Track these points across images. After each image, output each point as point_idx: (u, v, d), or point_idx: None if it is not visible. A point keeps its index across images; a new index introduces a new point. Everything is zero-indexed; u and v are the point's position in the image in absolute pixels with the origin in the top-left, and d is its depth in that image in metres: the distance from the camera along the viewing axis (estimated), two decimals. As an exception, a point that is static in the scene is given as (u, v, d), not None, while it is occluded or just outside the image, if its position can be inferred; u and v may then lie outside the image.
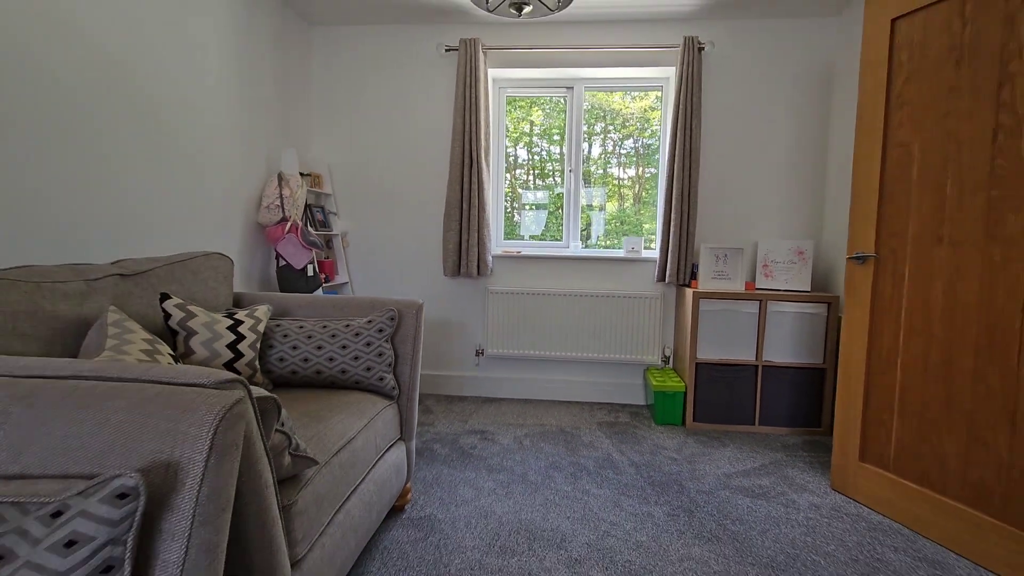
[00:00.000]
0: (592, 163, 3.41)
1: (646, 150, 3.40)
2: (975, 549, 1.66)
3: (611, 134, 3.42)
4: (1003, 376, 1.61)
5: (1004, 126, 1.61)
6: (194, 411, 0.73)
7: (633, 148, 3.43)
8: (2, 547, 0.58)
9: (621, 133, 3.42)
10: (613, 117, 3.40)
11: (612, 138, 3.43)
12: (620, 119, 3.40)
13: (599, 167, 3.43)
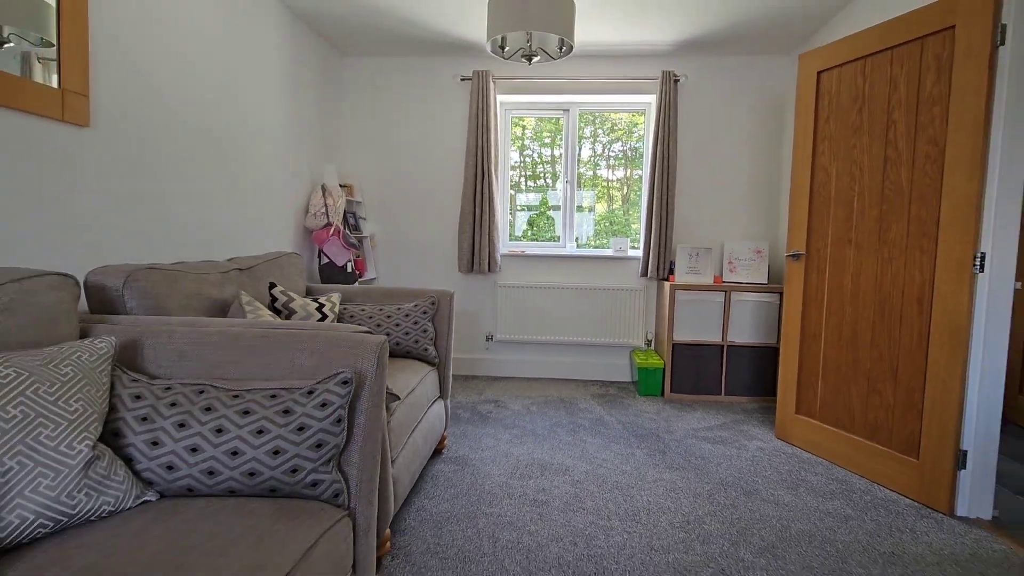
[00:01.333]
0: (582, 164, 3.96)
1: (633, 153, 3.95)
2: (871, 470, 2.24)
3: (600, 138, 3.97)
4: (889, 342, 2.19)
5: (890, 158, 2.19)
6: (366, 345, 1.27)
7: (622, 151, 3.98)
8: (288, 406, 1.12)
9: (610, 137, 3.97)
10: (603, 121, 3.95)
11: (602, 141, 3.98)
12: (609, 124, 3.95)
13: (589, 168, 3.98)
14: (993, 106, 1.88)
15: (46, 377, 1.00)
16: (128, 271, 1.53)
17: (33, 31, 1.58)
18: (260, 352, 1.26)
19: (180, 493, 1.09)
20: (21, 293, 1.15)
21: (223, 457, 1.07)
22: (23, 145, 1.56)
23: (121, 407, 1.11)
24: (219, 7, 2.43)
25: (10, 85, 1.50)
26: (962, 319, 1.94)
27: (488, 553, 1.67)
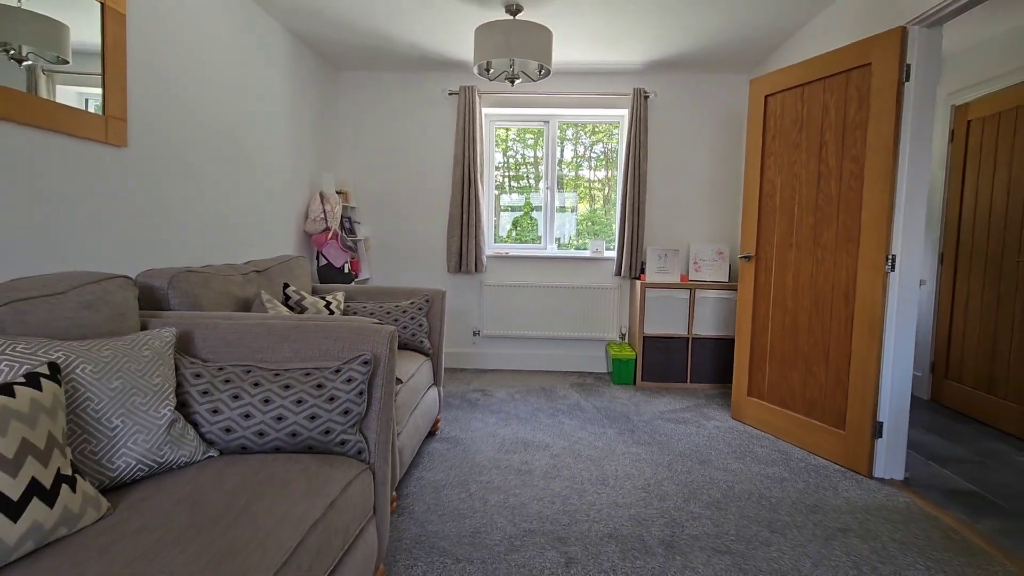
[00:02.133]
0: (565, 165, 4.27)
1: (614, 155, 4.27)
2: (807, 442, 2.60)
3: (582, 139, 4.27)
4: (822, 331, 2.55)
5: (823, 173, 2.54)
6: (381, 334, 1.55)
7: (603, 152, 4.29)
8: (320, 382, 1.41)
9: (592, 139, 4.28)
10: (584, 124, 4.25)
11: (584, 143, 4.29)
12: (590, 126, 4.25)
13: (571, 169, 4.29)
14: (901, 132, 2.24)
15: (133, 358, 1.27)
16: (171, 274, 1.79)
17: (49, 50, 1.74)
18: (293, 340, 1.54)
19: (235, 451, 1.36)
20: (101, 292, 1.42)
21: (270, 422, 1.35)
22: (74, 164, 1.82)
23: (185, 383, 1.38)
24: (234, 34, 2.68)
25: (68, 115, 1.75)
26: (878, 311, 2.30)
27: (480, 511, 1.97)
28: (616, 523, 1.91)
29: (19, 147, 1.63)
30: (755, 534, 1.85)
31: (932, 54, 2.19)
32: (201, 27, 2.44)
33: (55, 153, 1.74)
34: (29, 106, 1.63)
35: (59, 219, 1.76)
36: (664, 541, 1.80)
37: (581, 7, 2.88)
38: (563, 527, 1.87)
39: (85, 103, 1.84)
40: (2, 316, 1.18)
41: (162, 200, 2.23)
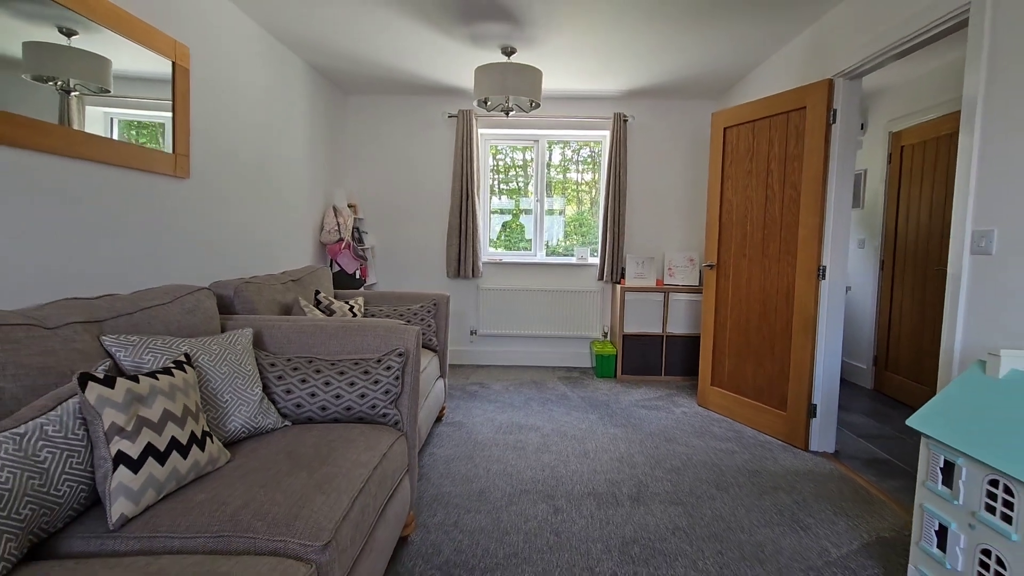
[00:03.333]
0: (554, 168, 4.71)
1: (599, 158, 4.71)
2: (757, 422, 3.08)
3: (571, 144, 4.70)
4: (770, 329, 3.03)
5: (769, 197, 3.02)
6: (410, 332, 1.99)
7: (589, 156, 4.74)
8: (367, 369, 1.84)
9: (580, 143, 4.73)
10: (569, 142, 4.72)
11: (572, 147, 4.73)
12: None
13: (560, 172, 4.74)
14: (828, 165, 2.72)
15: (232, 350, 1.69)
16: (235, 285, 2.21)
17: (94, 82, 1.96)
18: (340, 337, 1.97)
19: (303, 421, 1.79)
20: (195, 301, 1.84)
21: (330, 399, 1.79)
22: (146, 192, 2.22)
23: (263, 371, 1.80)
24: (265, 71, 3.09)
25: (150, 156, 2.16)
26: (811, 312, 2.78)
27: (483, 477, 2.41)
28: (594, 484, 2.36)
29: (113, 181, 2.04)
30: (704, 491, 2.32)
31: (853, 101, 2.68)
32: (241, 68, 2.86)
33: (140, 185, 2.15)
34: (122, 151, 2.04)
35: (141, 238, 2.17)
36: (631, 496, 2.26)
37: (567, 51, 3.33)
38: (551, 487, 2.32)
39: (110, 121, 2.08)
40: (138, 319, 1.60)
41: (213, 220, 2.65)
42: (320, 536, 1.15)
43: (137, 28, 2.07)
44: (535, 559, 1.81)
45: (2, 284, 1.62)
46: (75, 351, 1.35)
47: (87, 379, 1.17)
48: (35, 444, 1.07)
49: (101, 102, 1.98)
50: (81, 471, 1.15)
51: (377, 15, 2.86)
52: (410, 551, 1.85)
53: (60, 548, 1.11)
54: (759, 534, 2.00)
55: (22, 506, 1.01)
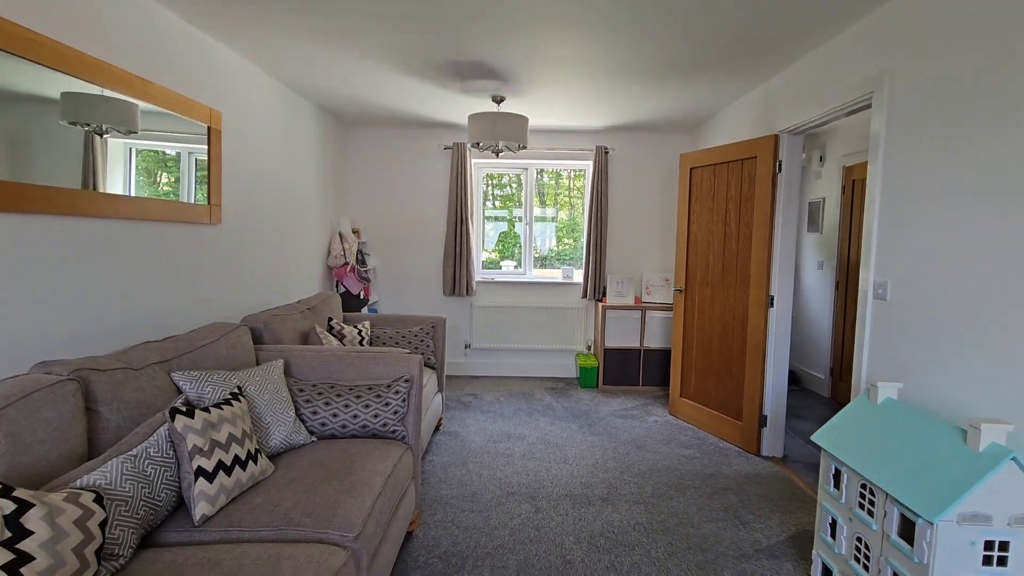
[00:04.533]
0: (546, 174, 5.10)
1: (584, 187, 5.13)
2: (718, 431, 3.49)
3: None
4: (728, 349, 3.44)
5: (727, 232, 3.43)
6: (413, 359, 2.38)
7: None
8: (379, 393, 2.22)
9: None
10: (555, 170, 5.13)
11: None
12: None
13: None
14: (775, 208, 3.13)
15: (270, 379, 2.07)
16: (265, 318, 2.59)
17: (123, 126, 2.20)
18: (356, 365, 2.36)
19: (327, 437, 2.18)
20: (235, 338, 2.22)
21: (349, 419, 2.17)
22: (188, 240, 2.60)
23: (294, 395, 2.19)
24: (281, 117, 3.47)
25: (191, 210, 2.54)
26: (761, 335, 3.19)
27: (476, 481, 2.80)
28: (571, 487, 2.76)
29: (162, 234, 2.41)
30: (664, 492, 2.72)
31: (795, 154, 3.09)
32: (260, 117, 3.23)
33: (182, 235, 2.53)
34: (170, 208, 2.41)
35: (183, 278, 2.55)
36: (602, 497, 2.66)
37: (550, 99, 3.73)
38: (534, 490, 2.72)
39: (129, 151, 2.39)
40: (195, 356, 1.98)
41: (240, 257, 3.02)
42: (353, 529, 1.54)
43: (183, 103, 2.45)
44: (518, 550, 2.21)
45: (88, 330, 1.99)
46: (156, 387, 1.74)
47: (175, 412, 1.55)
48: (143, 462, 1.45)
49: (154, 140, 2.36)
50: (172, 481, 1.53)
51: (377, 71, 3.24)
52: (415, 544, 2.24)
53: (160, 539, 1.49)
54: (705, 528, 2.40)
55: (139, 508, 1.39)
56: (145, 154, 2.32)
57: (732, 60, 2.89)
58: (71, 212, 1.89)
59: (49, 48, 1.77)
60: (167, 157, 2.47)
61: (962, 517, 1.42)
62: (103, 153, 2.07)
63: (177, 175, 2.50)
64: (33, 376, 1.40)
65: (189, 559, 1.33)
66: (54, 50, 1.79)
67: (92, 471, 1.33)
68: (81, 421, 1.45)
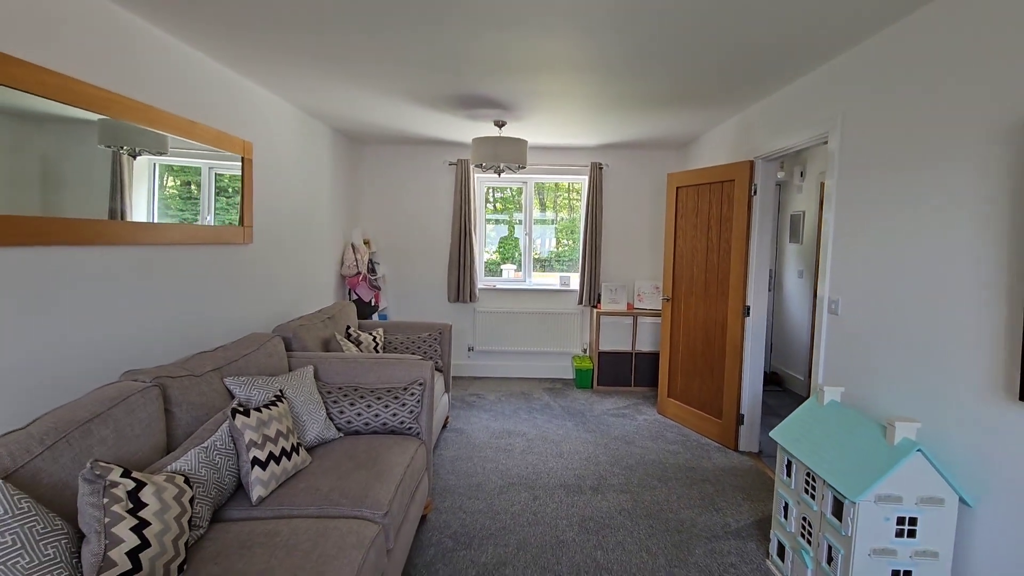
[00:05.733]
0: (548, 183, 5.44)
1: (580, 201, 5.46)
2: (701, 428, 3.82)
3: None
4: (711, 353, 3.76)
5: (709, 247, 3.76)
6: (425, 365, 2.70)
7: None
8: (397, 395, 2.55)
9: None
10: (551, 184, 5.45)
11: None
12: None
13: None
14: (751, 227, 3.45)
15: (303, 383, 2.40)
16: (293, 328, 2.92)
17: (155, 149, 2.43)
18: (376, 370, 2.69)
19: (352, 433, 2.50)
20: (271, 347, 2.55)
21: (371, 417, 2.50)
22: (225, 260, 2.92)
23: (323, 397, 2.51)
24: (301, 141, 3.80)
25: (227, 232, 2.87)
26: (738, 342, 3.52)
27: (481, 473, 3.13)
28: (565, 478, 3.09)
29: (203, 256, 2.74)
30: (649, 483, 3.05)
31: (770, 178, 3.41)
32: (284, 143, 3.56)
33: (219, 255, 2.85)
34: (211, 233, 2.74)
35: (220, 294, 2.87)
36: (592, 487, 2.99)
37: (548, 123, 4.05)
38: (532, 481, 3.05)
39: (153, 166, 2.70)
40: (241, 364, 2.31)
41: (268, 272, 3.35)
42: (382, 508, 1.87)
43: (222, 138, 2.77)
44: (518, 531, 2.54)
45: (148, 343, 2.32)
46: (213, 391, 2.06)
47: (235, 412, 1.88)
48: (213, 453, 1.78)
49: (198, 197, 2.69)
50: (233, 469, 1.86)
51: (387, 100, 3.56)
52: (429, 525, 2.57)
53: (224, 516, 1.81)
54: (683, 514, 2.73)
55: (211, 489, 1.72)
56: (186, 176, 2.65)
57: (712, 95, 3.21)
58: (134, 242, 2.21)
59: (118, 103, 2.09)
60: (220, 184, 2.80)
61: (878, 497, 1.75)
62: (158, 186, 2.40)
63: (228, 202, 2.83)
64: (126, 383, 1.73)
65: (254, 530, 1.66)
66: (123, 104, 2.11)
67: (177, 459, 1.66)
68: (162, 419, 1.78)
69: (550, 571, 2.24)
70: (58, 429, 1.42)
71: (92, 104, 1.96)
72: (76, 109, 1.90)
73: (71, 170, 1.90)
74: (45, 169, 1.80)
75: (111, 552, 1.26)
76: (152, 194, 2.35)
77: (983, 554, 1.71)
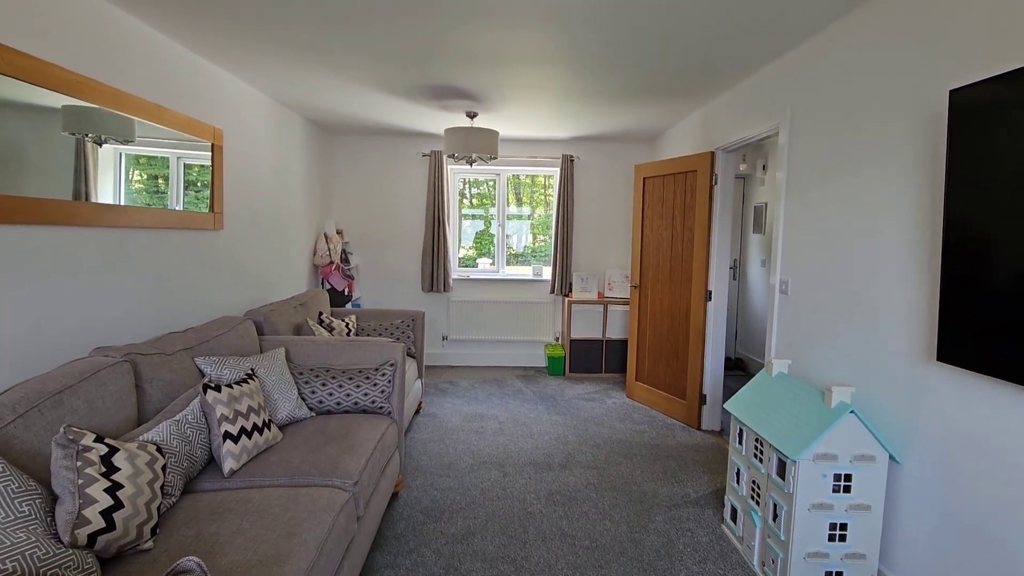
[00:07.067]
0: (524, 176, 5.51)
1: (552, 193, 5.57)
2: (667, 409, 3.97)
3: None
4: (675, 337, 3.91)
5: (674, 235, 3.90)
6: (397, 347, 2.77)
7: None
8: (369, 375, 2.61)
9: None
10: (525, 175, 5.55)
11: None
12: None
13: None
14: (712, 215, 3.61)
15: (275, 364, 2.45)
16: (264, 313, 2.95)
17: (121, 136, 2.43)
18: (347, 352, 2.74)
19: (324, 413, 2.56)
20: (243, 329, 2.58)
21: (343, 397, 2.56)
22: (195, 245, 2.93)
23: (295, 377, 2.56)
24: (274, 130, 3.81)
25: (197, 218, 2.88)
26: (701, 325, 3.67)
27: (452, 453, 3.22)
28: (534, 456, 3.19)
29: (174, 240, 2.75)
30: (615, 460, 3.18)
31: (730, 168, 3.57)
32: (256, 132, 3.57)
33: (190, 241, 2.87)
34: (183, 217, 2.75)
35: (191, 279, 2.89)
36: (561, 464, 3.10)
37: (520, 115, 4.14)
38: (502, 460, 3.15)
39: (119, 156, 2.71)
40: (212, 344, 2.35)
41: (239, 259, 3.36)
42: (352, 477, 1.94)
43: (192, 124, 2.78)
44: (487, 505, 2.63)
45: (119, 321, 2.33)
46: (184, 369, 2.10)
47: (207, 387, 1.93)
48: (184, 426, 1.83)
49: (167, 182, 2.70)
50: (205, 442, 1.90)
51: (360, 90, 3.60)
52: (400, 502, 2.64)
53: (196, 488, 1.86)
54: (646, 486, 2.86)
55: (183, 460, 1.77)
56: (153, 164, 2.66)
57: (677, 89, 3.34)
58: (103, 224, 2.23)
59: (87, 85, 2.10)
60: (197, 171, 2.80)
61: (816, 456, 1.89)
62: (116, 169, 2.41)
63: (197, 196, 2.84)
64: (97, 359, 1.76)
65: (226, 499, 1.72)
66: (91, 87, 2.12)
67: (149, 430, 1.71)
68: (133, 394, 1.82)
69: (517, 539, 2.34)
70: (29, 399, 1.46)
71: (60, 86, 1.97)
72: (41, 92, 1.90)
73: (35, 155, 1.91)
74: (6, 152, 1.81)
75: (85, 511, 1.30)
76: (118, 187, 2.35)
77: (909, 506, 1.87)
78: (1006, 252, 1.43)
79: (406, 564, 2.15)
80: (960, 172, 1.56)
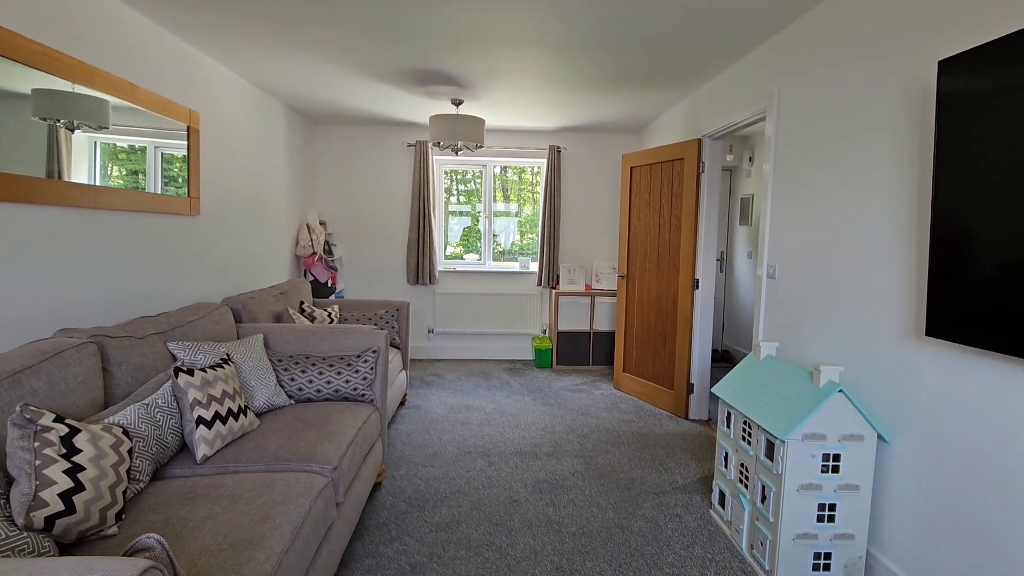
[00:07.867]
0: (509, 170, 5.44)
1: (539, 184, 5.53)
2: (655, 399, 3.95)
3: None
4: (662, 327, 3.89)
5: (661, 224, 3.88)
6: (380, 334, 2.71)
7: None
8: (350, 362, 2.54)
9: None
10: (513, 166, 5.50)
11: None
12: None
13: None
14: (699, 203, 3.59)
15: (253, 350, 2.37)
16: (243, 300, 2.87)
17: (94, 121, 2.33)
18: (328, 339, 2.67)
19: (304, 400, 2.48)
20: (219, 316, 2.50)
21: (323, 384, 2.49)
22: (170, 230, 2.84)
23: (274, 364, 2.48)
24: (254, 117, 3.71)
25: (173, 202, 2.79)
26: (688, 314, 3.65)
27: (437, 444, 3.16)
28: (521, 446, 3.15)
29: (148, 224, 2.66)
30: (603, 448, 3.14)
31: (717, 156, 3.55)
32: (235, 118, 3.47)
33: (165, 225, 2.77)
34: (156, 201, 2.66)
35: (166, 265, 2.79)
36: (548, 453, 3.06)
37: (506, 103, 4.09)
38: (488, 449, 3.09)
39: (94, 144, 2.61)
40: (186, 330, 2.26)
41: (217, 246, 3.27)
42: (331, 463, 1.87)
43: (166, 105, 2.69)
44: (473, 494, 2.58)
45: (85, 307, 2.24)
46: (155, 353, 2.02)
47: (178, 371, 1.85)
48: (154, 410, 1.75)
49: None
50: (176, 428, 1.82)
51: (343, 76, 3.52)
52: (383, 492, 2.58)
53: (168, 474, 1.78)
54: (634, 473, 2.83)
55: (152, 445, 1.69)
56: (128, 151, 2.56)
57: (664, 76, 3.31)
58: (74, 204, 2.13)
59: (57, 59, 2.01)
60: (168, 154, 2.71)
61: (805, 436, 1.87)
62: (90, 150, 2.32)
63: (179, 192, 2.75)
64: (60, 339, 1.68)
65: (197, 484, 1.65)
66: (61, 61, 2.03)
67: (116, 413, 1.63)
68: (99, 376, 1.74)
69: (502, 526, 2.29)
70: (-16, 378, 1.38)
71: (29, 58, 1.87)
72: (6, 69, 1.81)
73: (2, 140, 1.82)
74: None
75: (42, 493, 1.23)
76: (93, 173, 2.26)
77: (898, 485, 1.85)
78: (997, 220, 1.41)
79: (388, 553, 2.09)
80: (950, 138, 1.54)
